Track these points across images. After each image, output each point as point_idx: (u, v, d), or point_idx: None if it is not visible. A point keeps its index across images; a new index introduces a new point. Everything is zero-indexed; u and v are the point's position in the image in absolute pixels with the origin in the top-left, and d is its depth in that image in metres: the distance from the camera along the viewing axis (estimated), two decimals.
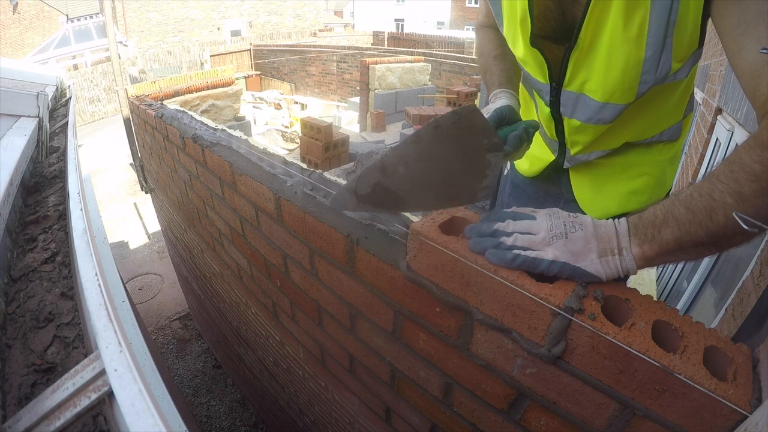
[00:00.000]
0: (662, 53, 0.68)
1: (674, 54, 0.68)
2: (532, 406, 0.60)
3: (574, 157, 0.95)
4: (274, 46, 12.24)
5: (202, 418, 2.94)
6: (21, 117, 1.32)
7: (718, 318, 1.51)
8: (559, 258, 0.52)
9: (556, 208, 0.58)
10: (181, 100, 5.16)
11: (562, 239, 0.52)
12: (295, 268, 1.00)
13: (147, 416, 0.41)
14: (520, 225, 0.55)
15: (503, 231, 0.56)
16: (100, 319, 0.52)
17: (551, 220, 0.54)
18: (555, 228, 0.53)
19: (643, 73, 0.71)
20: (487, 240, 0.56)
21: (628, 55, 0.69)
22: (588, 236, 0.52)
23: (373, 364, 0.90)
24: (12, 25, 11.38)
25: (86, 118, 10.65)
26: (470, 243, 0.57)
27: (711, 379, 0.42)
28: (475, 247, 0.57)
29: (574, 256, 0.52)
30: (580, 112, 0.82)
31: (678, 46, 0.67)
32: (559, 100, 0.84)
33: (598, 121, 0.81)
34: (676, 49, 0.67)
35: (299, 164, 0.96)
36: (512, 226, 0.56)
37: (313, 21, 18.51)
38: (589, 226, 0.53)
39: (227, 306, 1.88)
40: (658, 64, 0.69)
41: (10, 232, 0.86)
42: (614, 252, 0.52)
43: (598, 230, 0.53)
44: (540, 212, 0.57)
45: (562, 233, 0.53)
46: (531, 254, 0.52)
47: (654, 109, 0.83)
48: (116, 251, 4.90)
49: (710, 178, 0.51)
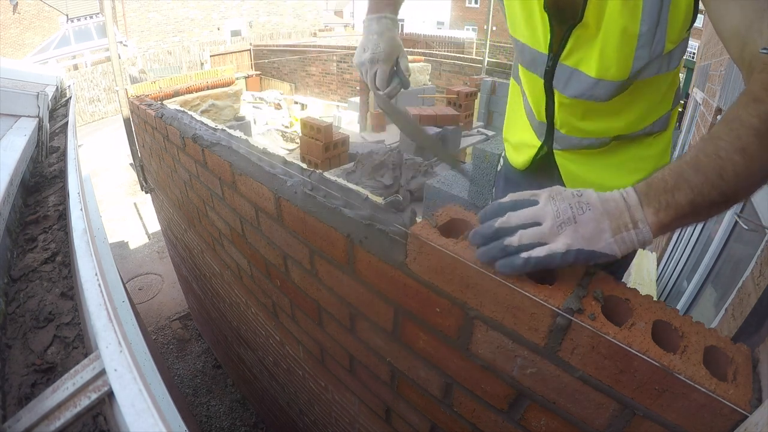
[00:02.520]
0: (657, 29, 0.69)
1: (669, 32, 0.70)
2: (532, 406, 0.60)
3: (564, 137, 0.95)
4: (274, 46, 12.24)
5: (202, 418, 2.94)
6: (21, 117, 1.32)
7: (718, 318, 1.51)
8: (572, 246, 0.48)
9: (557, 186, 0.53)
10: (181, 100, 5.17)
11: (572, 225, 0.48)
12: (295, 268, 1.00)
13: (147, 416, 0.41)
14: (523, 215, 0.51)
15: (506, 227, 0.51)
16: (100, 319, 0.52)
17: (555, 205, 0.50)
18: (561, 213, 0.49)
19: (638, 47, 0.71)
20: (493, 247, 0.52)
21: (624, 27, 0.70)
22: (598, 216, 0.49)
23: (373, 364, 0.90)
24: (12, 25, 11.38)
25: (86, 118, 10.65)
26: (478, 254, 0.54)
27: (711, 379, 0.42)
28: (483, 258, 0.54)
29: (587, 241, 0.48)
30: (572, 87, 0.83)
31: (673, 23, 0.69)
32: (553, 72, 0.85)
33: (590, 97, 0.81)
34: (670, 26, 0.69)
35: (299, 164, 0.96)
36: (515, 219, 0.51)
37: (314, 21, 18.51)
38: (597, 205, 0.49)
39: (227, 306, 1.88)
40: (653, 40, 0.71)
41: (10, 232, 0.86)
42: (628, 227, 0.49)
43: (607, 206, 0.49)
44: (541, 194, 0.52)
45: (570, 218, 0.49)
46: (542, 252, 0.49)
47: (644, 101, 0.85)
48: (116, 251, 4.90)
49: (711, 138, 0.50)
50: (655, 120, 0.89)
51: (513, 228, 0.51)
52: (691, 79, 6.54)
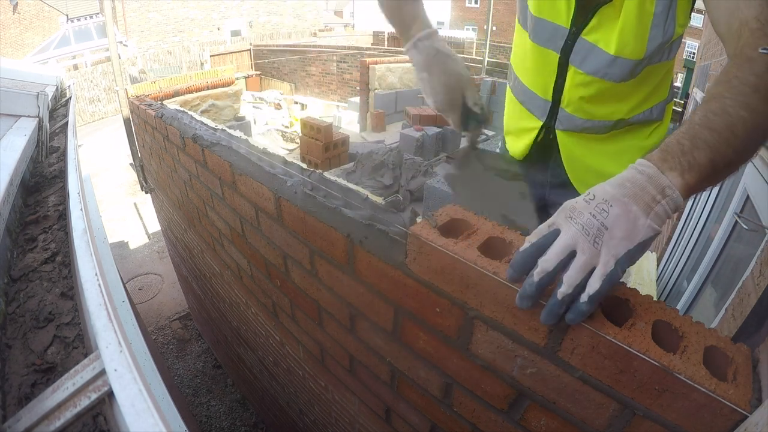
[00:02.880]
0: (669, 11, 0.75)
1: (678, 16, 0.76)
2: (532, 406, 0.60)
3: (568, 116, 0.96)
4: (274, 46, 12.24)
5: (202, 418, 2.94)
6: (21, 117, 1.32)
7: (718, 318, 1.51)
8: (618, 254, 0.44)
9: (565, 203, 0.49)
10: (181, 100, 5.17)
11: (604, 233, 0.44)
12: (295, 268, 1.00)
13: (147, 416, 0.41)
14: (554, 253, 0.46)
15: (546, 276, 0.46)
16: (100, 319, 0.52)
17: (577, 223, 0.46)
18: (589, 228, 0.45)
19: (652, 26, 0.77)
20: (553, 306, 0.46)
21: (641, 4, 0.76)
22: (623, 207, 0.45)
23: (373, 364, 0.90)
24: (12, 25, 11.38)
25: (86, 118, 10.65)
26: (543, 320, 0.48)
27: (711, 379, 0.42)
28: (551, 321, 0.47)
29: (628, 240, 0.44)
30: (589, 63, 0.86)
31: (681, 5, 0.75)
32: (572, 48, 0.87)
33: (605, 75, 0.85)
34: (679, 8, 0.75)
35: (299, 164, 0.96)
36: (550, 263, 0.46)
37: (314, 21, 18.51)
38: (616, 196, 0.46)
39: (227, 306, 1.88)
40: (665, 21, 0.76)
41: (10, 232, 0.86)
42: (657, 199, 0.46)
43: (626, 190, 0.46)
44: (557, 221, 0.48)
45: (600, 227, 0.45)
46: (597, 283, 0.44)
47: (646, 86, 0.89)
48: (116, 251, 4.90)
49: (715, 98, 0.51)
50: (653, 105, 0.93)
51: (552, 272, 0.46)
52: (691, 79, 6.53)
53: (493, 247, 0.61)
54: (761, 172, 1.49)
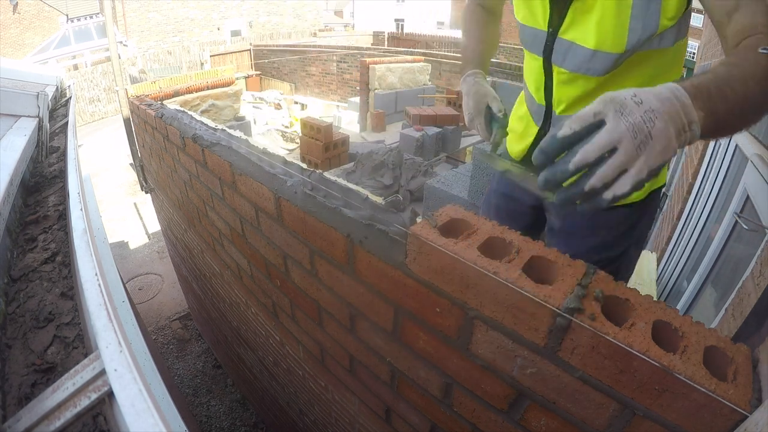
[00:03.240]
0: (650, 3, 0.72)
1: (664, 8, 0.72)
2: (532, 406, 0.60)
3: (560, 119, 0.96)
4: (274, 46, 12.23)
5: (202, 418, 2.94)
6: (21, 117, 1.32)
7: (718, 318, 1.51)
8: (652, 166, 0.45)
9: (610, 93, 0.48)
10: (181, 100, 5.17)
11: (649, 143, 0.44)
12: (295, 268, 1.00)
13: (147, 416, 0.41)
14: (598, 145, 0.45)
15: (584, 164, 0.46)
16: (100, 319, 0.52)
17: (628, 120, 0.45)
18: (638, 131, 0.44)
19: (631, 18, 0.74)
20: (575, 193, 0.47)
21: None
22: (666, 125, 0.45)
23: (373, 364, 0.90)
24: (12, 25, 11.37)
25: (86, 118, 10.64)
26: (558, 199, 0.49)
27: (711, 379, 0.42)
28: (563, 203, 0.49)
29: (661, 155, 0.45)
30: (570, 61, 0.85)
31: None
32: (552, 49, 0.88)
33: (587, 70, 0.83)
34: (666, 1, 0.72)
35: (299, 164, 0.96)
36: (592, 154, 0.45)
37: (314, 21, 18.50)
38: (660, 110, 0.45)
39: (227, 306, 1.88)
40: (646, 12, 0.73)
41: (10, 232, 0.86)
42: (686, 128, 0.47)
43: (666, 107, 0.46)
44: (606, 111, 0.46)
45: (647, 135, 0.44)
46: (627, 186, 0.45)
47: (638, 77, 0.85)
48: (116, 251, 4.90)
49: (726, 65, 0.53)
50: None
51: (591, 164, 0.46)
52: None
53: (493, 247, 0.61)
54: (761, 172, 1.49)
